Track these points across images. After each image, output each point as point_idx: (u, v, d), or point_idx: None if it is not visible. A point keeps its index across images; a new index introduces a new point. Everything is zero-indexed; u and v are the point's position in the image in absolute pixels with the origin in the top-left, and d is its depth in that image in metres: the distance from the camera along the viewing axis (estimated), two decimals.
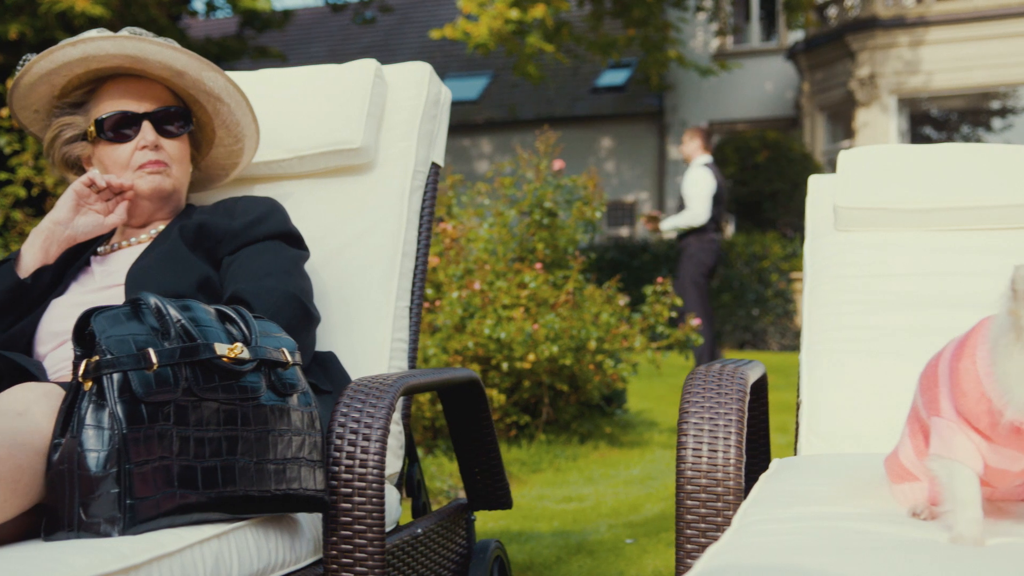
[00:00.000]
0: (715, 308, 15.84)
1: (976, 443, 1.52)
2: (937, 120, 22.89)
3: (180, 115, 2.42)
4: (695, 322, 6.43)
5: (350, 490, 1.97)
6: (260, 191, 2.72)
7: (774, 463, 2.22)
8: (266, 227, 2.39)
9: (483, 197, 6.56)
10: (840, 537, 1.47)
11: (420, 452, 5.35)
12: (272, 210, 2.43)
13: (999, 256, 2.60)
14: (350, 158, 2.69)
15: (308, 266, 2.48)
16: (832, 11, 21.04)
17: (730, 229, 19.57)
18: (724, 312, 15.76)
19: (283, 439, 1.89)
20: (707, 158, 9.25)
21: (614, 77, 23.99)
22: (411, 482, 2.69)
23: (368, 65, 2.76)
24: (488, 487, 2.73)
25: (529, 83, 17.40)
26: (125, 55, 2.31)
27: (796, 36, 22.02)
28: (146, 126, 2.36)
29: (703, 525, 1.90)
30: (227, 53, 17.82)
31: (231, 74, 2.50)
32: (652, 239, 18.73)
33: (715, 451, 1.92)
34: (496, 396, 5.70)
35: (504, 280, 5.90)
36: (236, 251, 2.36)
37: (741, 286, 15.63)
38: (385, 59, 2.84)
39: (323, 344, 2.52)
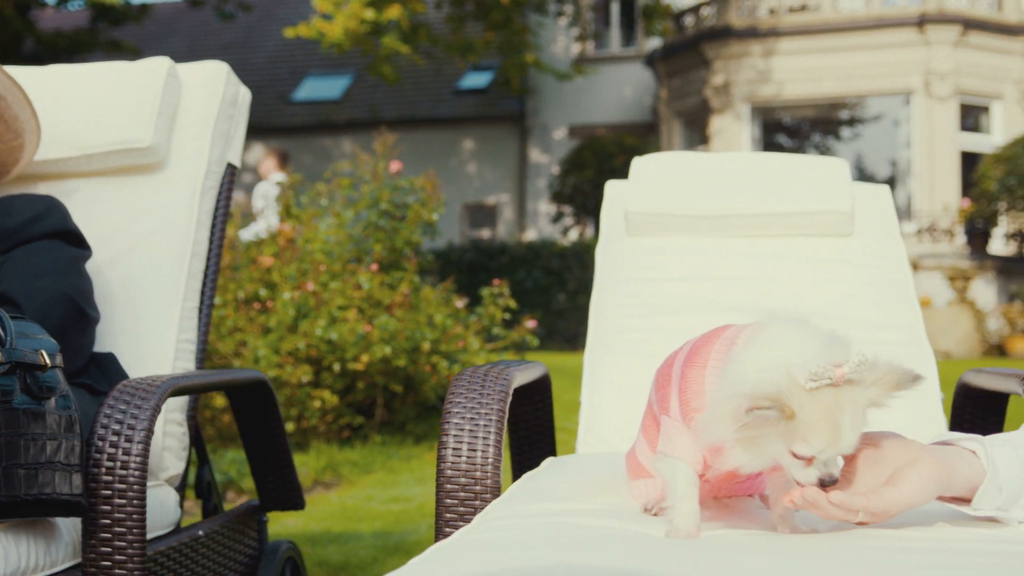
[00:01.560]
0: (571, 310, 16.05)
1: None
2: (789, 128, 23.56)
3: None
4: (530, 324, 6.51)
5: (110, 492, 1.95)
6: (47, 189, 2.67)
7: (545, 461, 2.28)
8: (43, 226, 2.35)
9: (322, 198, 6.53)
10: (560, 532, 1.51)
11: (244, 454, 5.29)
12: (50, 208, 2.39)
13: (774, 261, 2.71)
14: (140, 157, 2.66)
15: (93, 266, 2.45)
16: (689, 20, 21.50)
17: (589, 231, 19.83)
18: (580, 314, 15.95)
19: (36, 443, 1.86)
20: (281, 176, 9.57)
21: (476, 80, 24.10)
22: (201, 484, 2.67)
23: (161, 63, 2.73)
24: (280, 488, 2.72)
25: (392, 84, 17.38)
26: None
27: (655, 43, 22.44)
28: None
29: (461, 524, 1.94)
30: (77, 47, 17.37)
31: (9, 68, 2.45)
32: (511, 241, 18.86)
33: (474, 451, 1.95)
34: (329, 397, 5.68)
35: (339, 281, 5.88)
36: (10, 250, 2.31)
37: None
38: (246, 56, 2.83)
39: (108, 345, 2.48)
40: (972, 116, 20.48)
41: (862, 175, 23.38)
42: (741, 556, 1.40)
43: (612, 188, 2.98)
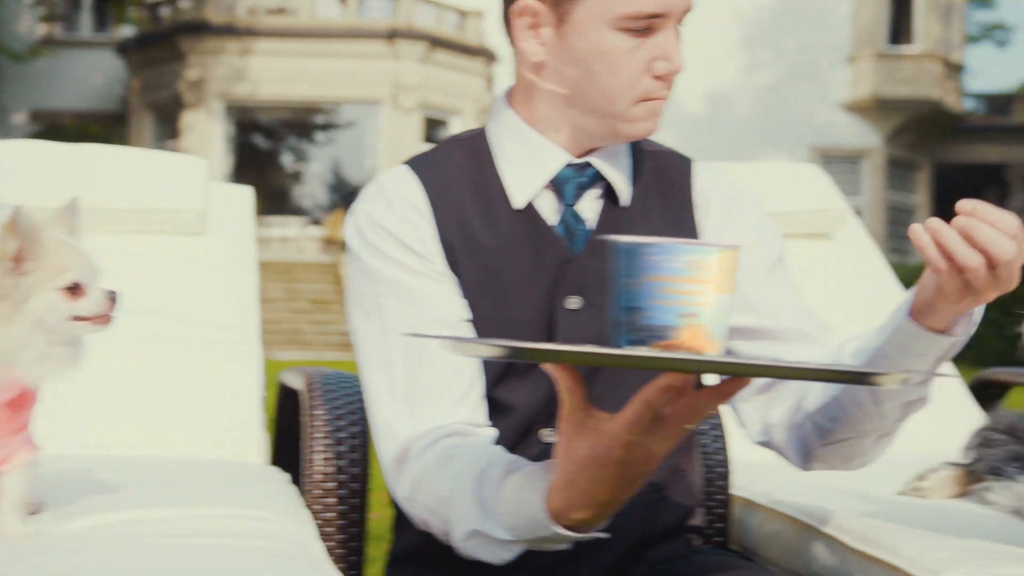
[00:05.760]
0: None
1: None
2: (265, 129, 23.70)
3: None
4: None
5: None
6: None
7: None
8: None
9: None
10: None
11: None
12: None
13: (117, 257, 2.66)
14: None
15: None
16: (165, 11, 21.01)
17: None
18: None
19: None
20: None
21: None
22: None
23: None
24: None
25: None
26: None
27: (129, 31, 21.69)
28: None
29: None
30: None
31: None
32: None
33: None
34: None
35: None
36: None
37: None
38: None
39: None
40: (436, 129, 21.72)
41: (339, 179, 24.04)
42: None
43: None
